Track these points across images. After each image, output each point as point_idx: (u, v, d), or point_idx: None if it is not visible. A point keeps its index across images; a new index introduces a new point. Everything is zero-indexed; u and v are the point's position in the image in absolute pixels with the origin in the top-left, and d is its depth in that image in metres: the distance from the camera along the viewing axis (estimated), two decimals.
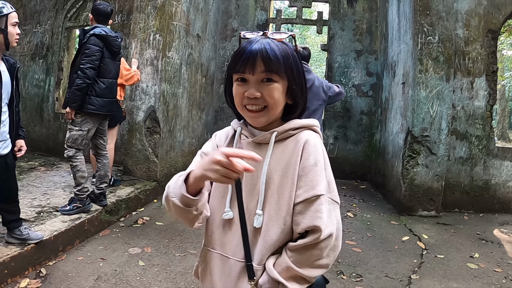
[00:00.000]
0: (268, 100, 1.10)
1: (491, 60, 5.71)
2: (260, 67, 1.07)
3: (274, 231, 1.10)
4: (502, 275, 3.59)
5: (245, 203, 1.13)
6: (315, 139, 1.15)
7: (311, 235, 1.07)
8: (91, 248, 3.58)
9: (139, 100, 5.43)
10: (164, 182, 5.55)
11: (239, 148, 1.16)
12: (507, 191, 5.79)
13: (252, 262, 1.10)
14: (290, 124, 1.17)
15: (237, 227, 1.13)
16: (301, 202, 1.09)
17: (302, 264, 1.08)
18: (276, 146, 1.15)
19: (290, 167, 1.12)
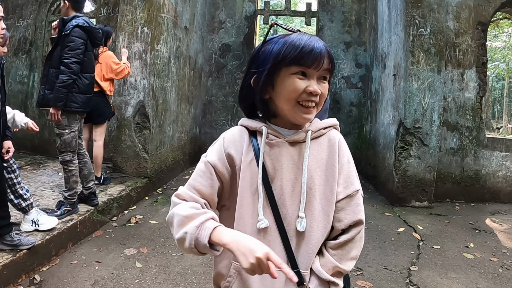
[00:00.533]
0: (321, 98, 1.08)
1: (481, 52, 5.76)
2: (325, 65, 1.06)
3: (320, 232, 1.09)
4: (498, 264, 3.64)
5: (283, 207, 1.09)
6: (343, 138, 1.18)
7: (354, 228, 1.10)
8: (85, 250, 3.46)
9: (128, 95, 5.28)
10: (155, 179, 5.46)
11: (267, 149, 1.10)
12: (497, 181, 5.88)
13: (299, 268, 1.07)
14: (322, 123, 1.16)
15: (275, 234, 1.08)
16: (343, 199, 1.10)
17: (343, 259, 1.09)
18: (310, 145, 1.12)
19: (329, 165, 1.12)
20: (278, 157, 1.10)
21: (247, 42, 8.02)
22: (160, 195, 5.30)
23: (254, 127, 1.14)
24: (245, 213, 1.10)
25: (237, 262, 1.05)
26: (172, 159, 6.29)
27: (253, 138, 1.13)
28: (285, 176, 1.09)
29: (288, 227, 1.08)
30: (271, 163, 1.10)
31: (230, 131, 1.19)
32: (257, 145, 1.11)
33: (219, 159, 1.12)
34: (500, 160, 5.88)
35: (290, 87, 1.05)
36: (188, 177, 6.49)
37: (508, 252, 3.95)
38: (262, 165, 1.08)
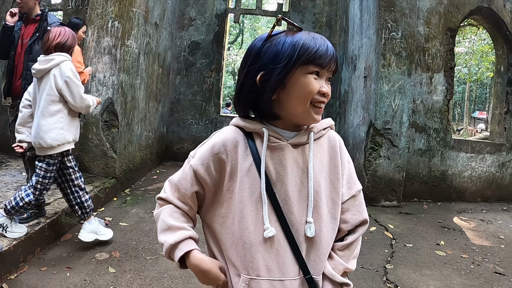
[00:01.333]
0: (328, 98, 1.05)
1: (449, 57, 5.98)
2: (334, 65, 1.04)
3: (329, 235, 1.07)
4: (469, 260, 3.77)
5: (289, 213, 1.03)
6: (341, 138, 1.17)
7: (360, 228, 1.11)
8: (54, 256, 3.25)
9: (96, 92, 5.05)
10: (123, 179, 5.27)
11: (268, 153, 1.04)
12: (462, 181, 6.12)
13: (311, 274, 1.03)
14: (321, 124, 1.11)
15: (284, 243, 1.03)
16: (348, 200, 1.10)
17: (349, 259, 1.10)
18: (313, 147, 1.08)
19: (333, 166, 1.10)
20: (282, 161, 1.04)
21: (217, 40, 7.92)
22: (128, 196, 5.12)
23: (252, 129, 1.06)
24: (249, 223, 1.03)
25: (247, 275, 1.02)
26: (140, 158, 6.10)
27: (249, 140, 1.06)
28: (290, 180, 1.04)
29: (296, 233, 1.03)
30: (274, 167, 1.04)
31: (221, 132, 1.10)
32: (255, 148, 1.05)
33: (202, 164, 1.07)
34: (466, 161, 6.12)
35: (307, 87, 1.00)
36: (156, 177, 6.34)
37: (478, 248, 4.10)
38: (264, 171, 1.02)
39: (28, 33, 3.54)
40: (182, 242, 1.05)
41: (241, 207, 1.03)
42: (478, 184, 6.25)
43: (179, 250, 1.05)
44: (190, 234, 1.08)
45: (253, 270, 1.01)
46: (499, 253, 4.02)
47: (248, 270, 1.02)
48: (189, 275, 3.10)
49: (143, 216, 4.37)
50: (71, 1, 6.13)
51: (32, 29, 3.54)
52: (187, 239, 1.06)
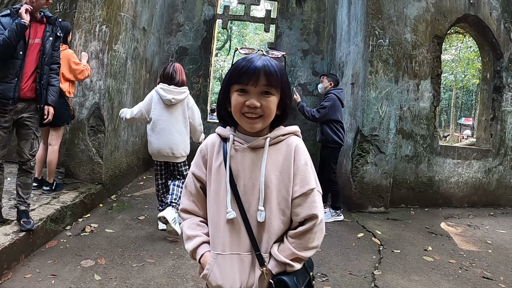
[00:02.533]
0: (265, 110, 1.25)
1: (436, 64, 6.05)
2: (263, 81, 1.23)
3: (277, 223, 1.28)
4: (457, 265, 3.79)
5: (246, 202, 1.29)
6: (302, 143, 1.35)
7: (309, 222, 1.26)
8: (39, 263, 3.18)
9: (82, 97, 4.99)
10: (109, 185, 5.20)
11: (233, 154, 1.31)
12: (449, 187, 6.18)
13: (260, 251, 1.27)
14: (280, 130, 1.33)
15: (241, 224, 1.29)
16: (299, 196, 1.27)
17: (301, 247, 1.26)
18: (269, 150, 1.30)
19: (285, 167, 1.29)
20: (242, 160, 1.30)
21: (204, 46, 7.91)
22: (115, 202, 5.05)
23: (225, 135, 1.36)
24: (216, 207, 1.33)
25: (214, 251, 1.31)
26: (127, 164, 6.03)
27: (224, 144, 1.35)
28: (247, 176, 1.30)
29: (251, 218, 1.28)
30: (236, 165, 1.31)
31: (207, 139, 1.43)
32: (226, 149, 1.33)
33: (196, 166, 1.41)
34: (453, 167, 6.18)
35: (234, 102, 1.27)
36: (142, 183, 6.27)
37: (465, 254, 4.12)
38: (229, 167, 1.30)
39: (35, 33, 3.41)
40: (199, 247, 1.35)
41: (213, 195, 1.34)
42: (465, 189, 6.31)
43: (197, 254, 1.35)
44: (203, 239, 1.37)
45: (219, 246, 1.30)
46: (486, 258, 4.04)
47: (216, 246, 1.31)
48: (176, 282, 3.06)
49: (129, 223, 4.31)
50: (58, 4, 6.06)
51: (40, 30, 3.41)
52: (202, 244, 1.36)
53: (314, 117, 5.12)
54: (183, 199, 1.44)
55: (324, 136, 5.12)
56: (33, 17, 3.33)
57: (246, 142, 1.31)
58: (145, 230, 4.14)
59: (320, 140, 5.30)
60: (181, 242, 3.88)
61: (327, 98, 5.12)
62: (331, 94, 5.11)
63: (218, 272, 1.29)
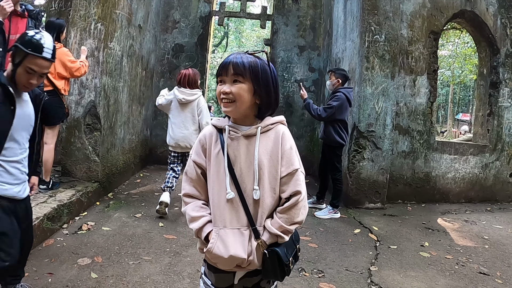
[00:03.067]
0: (235, 95, 1.46)
1: (432, 60, 6.04)
2: (231, 71, 1.46)
3: (269, 199, 1.49)
4: (453, 261, 3.79)
5: (243, 183, 1.49)
6: (287, 130, 1.57)
7: (294, 197, 1.47)
8: (36, 261, 3.16)
9: (78, 95, 4.98)
10: (105, 183, 5.19)
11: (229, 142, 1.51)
12: (446, 182, 6.19)
13: (256, 226, 1.49)
14: (269, 120, 1.54)
15: (239, 203, 1.49)
16: (285, 176, 1.49)
17: (288, 221, 1.47)
18: (260, 137, 1.50)
19: (274, 151, 1.50)
20: (237, 147, 1.51)
21: (200, 43, 7.89)
22: (111, 200, 5.04)
23: (220, 126, 1.56)
24: (217, 189, 1.52)
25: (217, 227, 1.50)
26: (123, 162, 6.02)
27: (220, 134, 1.55)
28: (243, 161, 1.50)
29: (247, 197, 1.49)
30: (232, 152, 1.51)
31: (203, 131, 1.63)
32: (222, 139, 1.53)
33: (196, 154, 1.60)
34: (450, 163, 6.19)
35: (217, 91, 1.53)
36: (139, 180, 6.26)
37: (462, 249, 4.13)
38: (226, 154, 1.50)
39: (16, 28, 3.31)
40: (204, 226, 1.52)
41: (213, 179, 1.53)
42: (462, 185, 6.32)
43: (203, 232, 1.52)
44: (207, 219, 1.54)
45: (221, 222, 1.50)
46: (483, 254, 4.05)
47: (217, 222, 1.50)
48: (172, 280, 3.06)
49: (126, 221, 4.30)
50: (54, 3, 6.04)
51: (22, 25, 3.34)
52: (207, 223, 1.53)
53: (320, 116, 5.03)
54: (184, 185, 1.60)
55: (326, 135, 5.10)
56: (14, 11, 3.23)
57: (240, 131, 1.51)
58: (141, 227, 4.14)
59: (321, 138, 5.28)
60: (178, 239, 3.89)
61: (335, 97, 4.99)
62: (340, 93, 4.97)
63: (221, 244, 1.47)
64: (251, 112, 1.53)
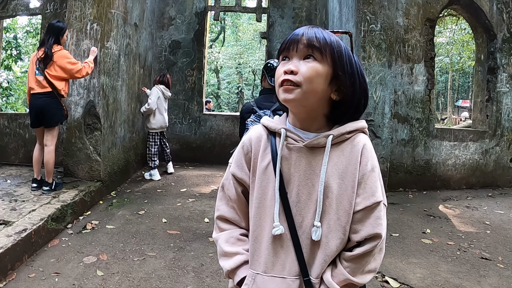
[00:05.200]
0: (304, 77, 1.01)
1: (429, 47, 6.03)
2: (303, 42, 1.03)
3: (334, 242, 1.05)
4: (455, 247, 3.82)
5: (298, 215, 1.07)
6: (370, 143, 1.10)
7: (370, 242, 1.04)
8: (42, 262, 3.21)
9: (77, 95, 5.00)
10: (108, 181, 5.23)
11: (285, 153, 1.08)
12: (446, 169, 6.20)
13: (310, 277, 1.05)
14: (346, 127, 1.07)
15: (289, 242, 1.07)
16: (361, 210, 1.04)
17: (356, 272, 1.05)
18: (331, 151, 1.06)
19: (349, 173, 1.05)
20: (296, 162, 1.07)
21: (197, 39, 7.88)
22: (114, 198, 5.08)
23: (273, 128, 1.12)
24: (261, 219, 1.10)
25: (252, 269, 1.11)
26: (125, 160, 6.05)
27: (272, 138, 1.11)
28: (302, 182, 1.06)
29: (302, 235, 1.06)
30: (288, 168, 1.07)
31: (249, 132, 1.19)
32: (275, 147, 1.09)
33: (237, 166, 1.16)
34: (450, 149, 6.20)
35: (277, 73, 1.08)
36: (141, 178, 6.29)
37: (463, 235, 4.16)
38: (279, 170, 1.06)
39: None
40: (238, 268, 1.13)
41: (256, 204, 1.10)
42: (463, 171, 6.33)
43: (237, 276, 1.13)
44: (244, 258, 1.14)
45: (260, 266, 1.08)
46: (485, 239, 4.08)
47: (255, 264, 1.10)
48: (177, 274, 3.10)
49: (129, 218, 4.34)
50: (49, 5, 6.04)
51: None
52: (243, 264, 1.13)
53: None
54: (219, 205, 1.21)
55: None
56: None
57: (302, 140, 1.07)
58: (145, 224, 4.17)
59: None
60: (181, 234, 3.93)
61: None
62: None
63: None
64: (323, 110, 1.09)
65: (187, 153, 7.73)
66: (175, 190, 5.67)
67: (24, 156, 6.18)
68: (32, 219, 3.57)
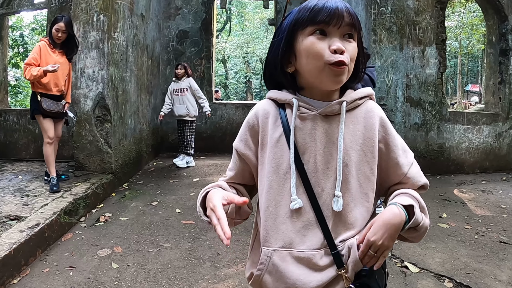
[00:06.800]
0: (350, 58, 0.96)
1: (440, 30, 5.90)
2: (346, 21, 0.95)
3: (359, 210, 1.00)
4: (472, 231, 3.76)
5: (317, 185, 1.00)
6: (381, 109, 1.09)
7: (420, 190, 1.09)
8: (56, 256, 3.20)
9: (86, 88, 4.97)
10: (120, 173, 5.22)
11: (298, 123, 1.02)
12: (460, 153, 6.11)
13: (337, 249, 0.98)
14: (357, 93, 1.05)
15: (311, 215, 0.99)
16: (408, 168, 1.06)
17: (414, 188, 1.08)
18: (346, 118, 1.01)
19: (368, 139, 1.02)
20: (311, 131, 1.01)
21: (205, 28, 7.81)
22: (127, 190, 5.07)
23: (284, 100, 1.05)
24: (276, 194, 1.02)
25: (268, 247, 1.02)
26: (136, 152, 6.05)
27: (281, 110, 1.05)
28: (319, 152, 1.00)
29: (323, 206, 0.99)
30: (303, 138, 1.01)
31: (256, 106, 1.11)
32: (285, 118, 1.03)
33: (241, 140, 1.10)
34: (463, 133, 6.10)
35: (312, 49, 0.95)
36: (153, 169, 6.29)
37: (480, 219, 4.09)
38: (293, 141, 1.00)
39: None
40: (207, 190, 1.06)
41: (270, 178, 1.03)
42: (476, 155, 6.24)
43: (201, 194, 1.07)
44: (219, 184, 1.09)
45: (277, 242, 1.01)
46: (502, 223, 4.01)
47: (271, 241, 1.01)
48: (193, 264, 3.08)
49: (143, 209, 4.33)
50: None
51: None
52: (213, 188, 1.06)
53: None
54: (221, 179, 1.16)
55: None
56: None
57: (315, 108, 1.02)
58: (159, 215, 4.16)
59: None
60: (196, 224, 3.91)
61: None
62: None
63: (276, 274, 1.00)
64: None
65: (198, 143, 7.68)
66: (188, 180, 5.65)
67: (34, 151, 6.19)
68: (45, 213, 3.56)
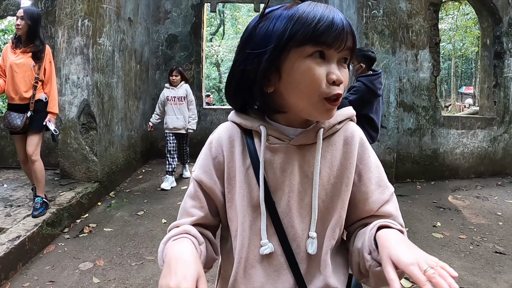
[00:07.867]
0: (344, 88, 0.79)
1: (433, 33, 5.83)
2: (348, 44, 0.78)
3: (328, 244, 0.86)
4: (467, 241, 3.66)
5: (290, 226, 0.86)
6: (363, 134, 0.91)
7: None
8: (37, 270, 3.07)
9: (71, 94, 4.83)
10: (106, 182, 5.08)
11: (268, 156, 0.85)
12: (454, 158, 6.02)
13: None
14: (336, 116, 0.86)
15: (282, 259, 0.86)
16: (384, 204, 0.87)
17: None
18: (322, 147, 0.85)
19: (345, 169, 0.87)
20: (283, 165, 0.85)
21: (194, 32, 7.69)
22: (113, 199, 4.93)
23: (250, 126, 0.88)
24: (246, 236, 0.87)
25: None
26: (124, 159, 5.90)
27: (248, 138, 0.88)
28: (292, 189, 0.85)
29: (297, 249, 0.86)
30: (273, 173, 0.85)
31: (217, 131, 0.93)
32: (253, 148, 0.86)
33: (205, 172, 0.90)
34: (457, 138, 6.02)
35: (307, 75, 0.77)
36: (141, 177, 6.15)
37: (475, 228, 3.99)
38: (263, 177, 0.84)
39: None
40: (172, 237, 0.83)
41: (241, 218, 0.87)
42: (471, 160, 6.16)
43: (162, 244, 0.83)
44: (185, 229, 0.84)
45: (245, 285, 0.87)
46: (497, 231, 3.91)
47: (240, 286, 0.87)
48: None
49: (128, 220, 4.20)
50: (40, 3, 5.87)
51: None
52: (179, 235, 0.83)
53: None
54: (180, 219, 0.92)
55: None
56: None
57: (287, 137, 0.86)
58: (144, 225, 4.03)
59: None
60: None
61: (353, 89, 4.03)
62: (359, 83, 3.94)
63: None
64: None
65: None
66: (176, 188, 5.52)
67: None
68: (27, 225, 3.42)
